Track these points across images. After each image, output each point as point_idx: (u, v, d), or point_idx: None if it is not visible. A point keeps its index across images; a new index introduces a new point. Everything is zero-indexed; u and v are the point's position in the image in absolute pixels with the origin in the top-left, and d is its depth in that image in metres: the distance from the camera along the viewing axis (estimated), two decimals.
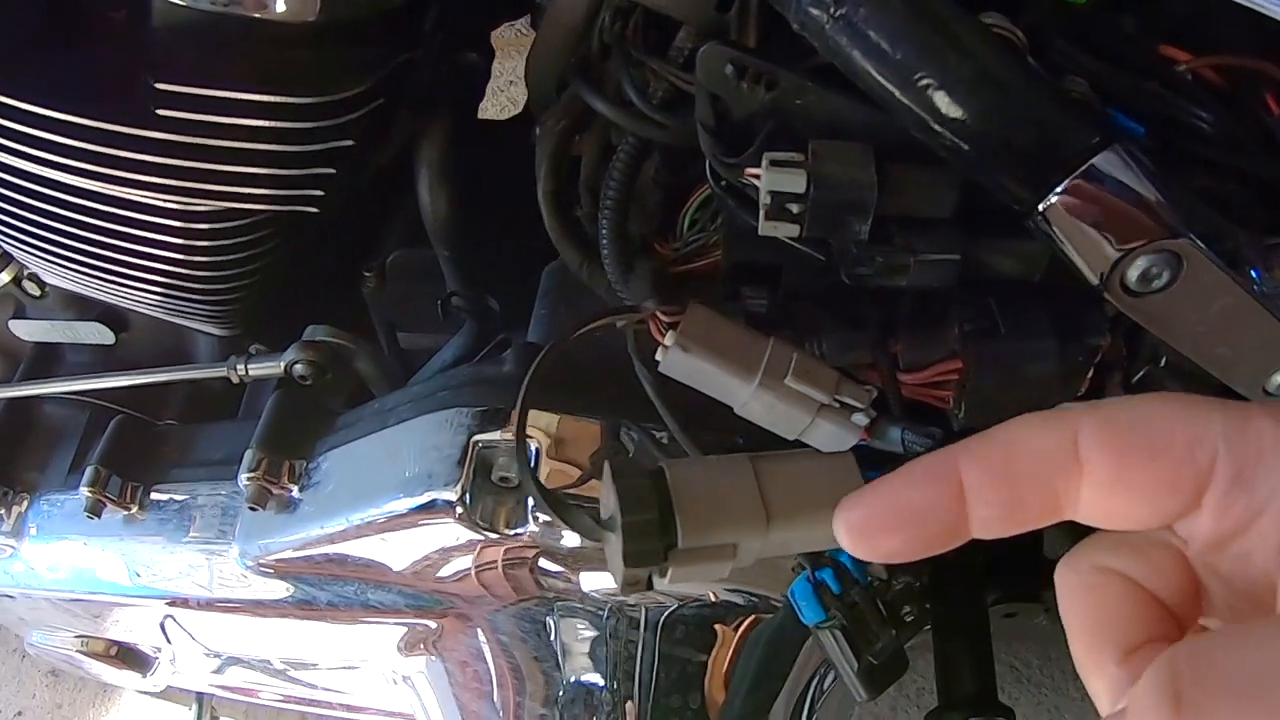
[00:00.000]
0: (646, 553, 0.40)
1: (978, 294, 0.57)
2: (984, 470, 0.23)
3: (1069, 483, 0.22)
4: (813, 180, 0.49)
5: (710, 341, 0.51)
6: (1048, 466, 0.22)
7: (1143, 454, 0.22)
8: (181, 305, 0.71)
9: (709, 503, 0.41)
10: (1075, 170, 0.46)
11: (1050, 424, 0.23)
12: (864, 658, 0.56)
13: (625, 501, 0.40)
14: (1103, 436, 0.22)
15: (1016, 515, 0.23)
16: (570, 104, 0.58)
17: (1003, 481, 0.23)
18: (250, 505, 0.64)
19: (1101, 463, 0.22)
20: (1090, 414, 0.22)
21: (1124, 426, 0.22)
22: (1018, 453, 0.23)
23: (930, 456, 0.24)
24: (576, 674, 0.63)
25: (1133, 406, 0.22)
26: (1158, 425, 0.22)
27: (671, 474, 0.42)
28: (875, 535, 0.25)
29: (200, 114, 0.59)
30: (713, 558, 0.41)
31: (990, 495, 0.23)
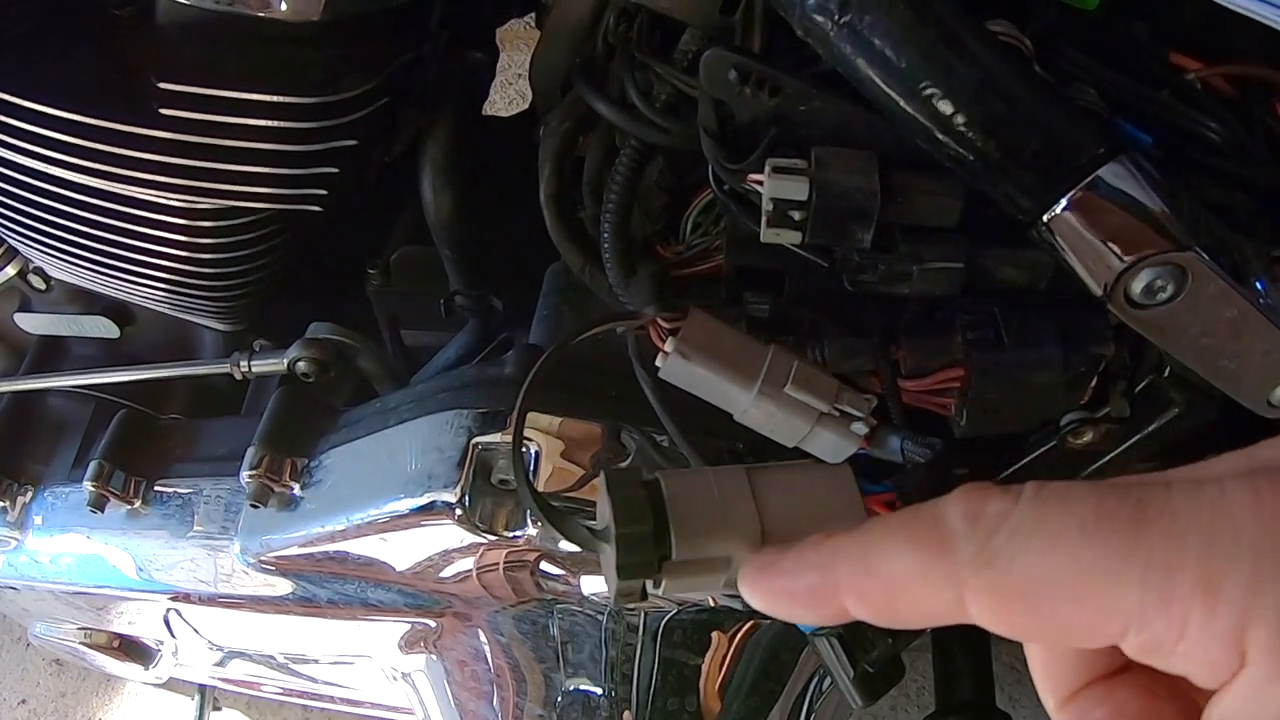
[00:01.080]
0: (640, 565, 0.40)
1: (981, 302, 0.57)
2: (867, 607, 0.24)
3: (957, 617, 0.22)
4: (815, 187, 0.48)
5: (710, 349, 0.51)
6: (933, 616, 0.23)
7: (1040, 633, 0.22)
8: (186, 301, 0.71)
9: (704, 515, 0.41)
10: (1081, 181, 0.45)
11: (934, 578, 0.22)
12: (860, 665, 0.56)
13: (620, 513, 0.40)
14: (994, 611, 0.21)
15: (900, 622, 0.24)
16: (574, 105, 0.58)
17: (884, 604, 0.24)
18: (252, 502, 0.64)
19: (1000, 632, 0.22)
20: (977, 578, 0.21)
21: (1014, 599, 0.21)
22: (899, 600, 0.23)
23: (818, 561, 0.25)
24: (575, 676, 0.63)
25: (1025, 566, 0.21)
26: (1059, 597, 0.21)
27: (667, 485, 0.42)
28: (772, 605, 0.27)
29: (204, 113, 0.59)
30: (707, 570, 0.41)
31: (871, 608, 0.24)
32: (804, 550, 0.26)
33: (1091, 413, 0.60)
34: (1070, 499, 0.21)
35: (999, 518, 0.22)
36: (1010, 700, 1.10)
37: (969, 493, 0.23)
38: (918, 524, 0.23)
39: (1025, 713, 1.10)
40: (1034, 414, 0.60)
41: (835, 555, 0.25)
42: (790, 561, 0.26)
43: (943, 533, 0.22)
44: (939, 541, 0.22)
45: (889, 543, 0.24)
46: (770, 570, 0.27)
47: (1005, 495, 0.22)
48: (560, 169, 0.57)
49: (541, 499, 0.47)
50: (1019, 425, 0.60)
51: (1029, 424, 0.60)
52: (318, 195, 0.63)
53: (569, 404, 0.58)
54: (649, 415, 0.57)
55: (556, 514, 0.46)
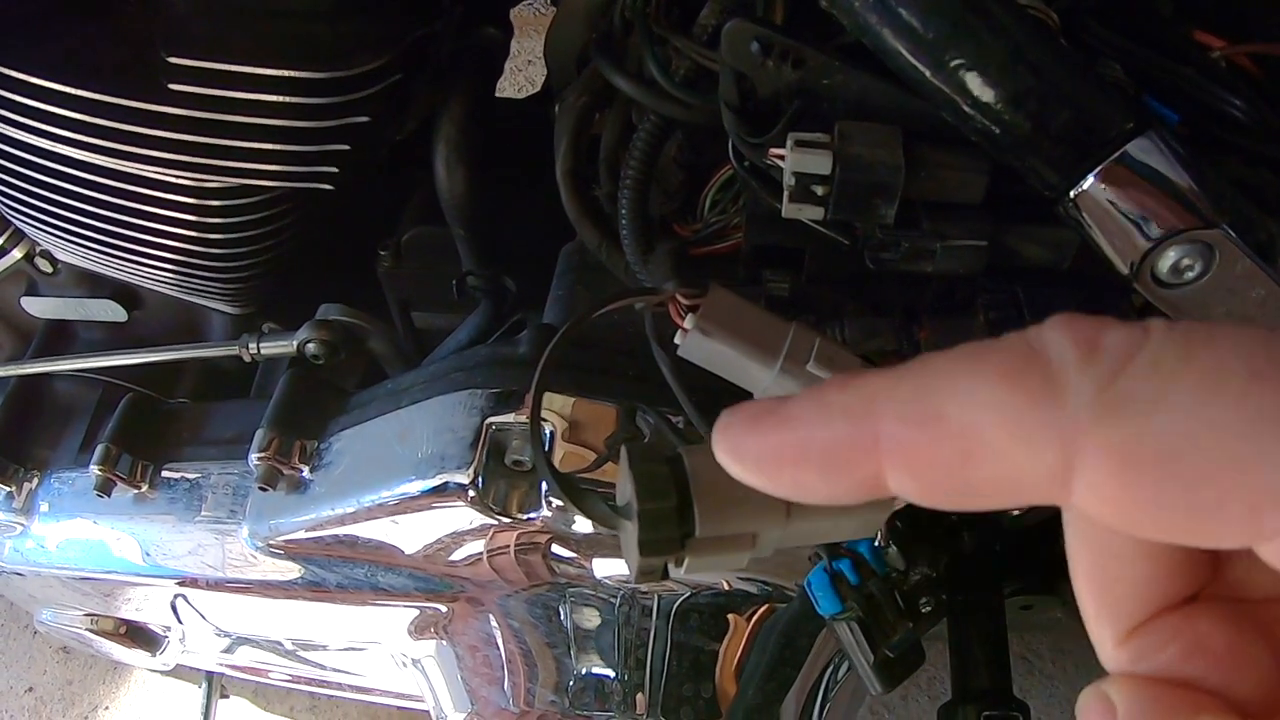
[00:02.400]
0: (663, 541, 0.39)
1: (1004, 281, 0.56)
2: (921, 473, 0.17)
3: (1049, 498, 0.16)
4: (839, 162, 0.48)
5: (731, 325, 0.50)
6: (1019, 490, 0.16)
7: (1172, 520, 0.15)
8: (194, 282, 0.70)
9: (728, 491, 0.40)
10: (1109, 156, 0.45)
11: (1032, 430, 0.15)
12: (880, 650, 0.55)
13: (642, 489, 0.39)
14: (1118, 483, 0.15)
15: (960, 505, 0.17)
16: (590, 81, 0.57)
17: (949, 488, 0.17)
18: (260, 485, 0.63)
19: (1115, 518, 0.16)
20: (1099, 432, 0.15)
21: (1150, 465, 0.15)
22: (974, 462, 0.16)
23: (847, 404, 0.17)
24: (588, 661, 0.62)
25: (1170, 417, 0.15)
26: (1209, 462, 0.15)
27: (690, 461, 0.41)
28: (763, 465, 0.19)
29: (214, 88, 0.58)
30: (731, 547, 0.40)
31: (928, 491, 0.17)
32: (824, 390, 0.18)
33: None
34: (1223, 336, 0.15)
35: (1127, 349, 0.15)
36: (1022, 691, 1.09)
37: (1073, 319, 0.16)
38: (1004, 353, 0.16)
39: (1037, 704, 1.09)
40: None
41: (876, 395, 0.17)
42: (802, 406, 0.18)
43: (1046, 366, 0.16)
44: (1041, 378, 0.16)
45: (963, 378, 0.16)
46: (769, 418, 0.19)
47: (1128, 326, 0.16)
48: (577, 145, 0.57)
49: (561, 476, 0.46)
50: None
51: None
52: (329, 173, 0.62)
53: (584, 384, 0.57)
54: (665, 396, 0.56)
55: (576, 491, 0.45)
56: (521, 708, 0.63)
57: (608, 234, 0.57)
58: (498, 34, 0.65)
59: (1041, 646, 1.12)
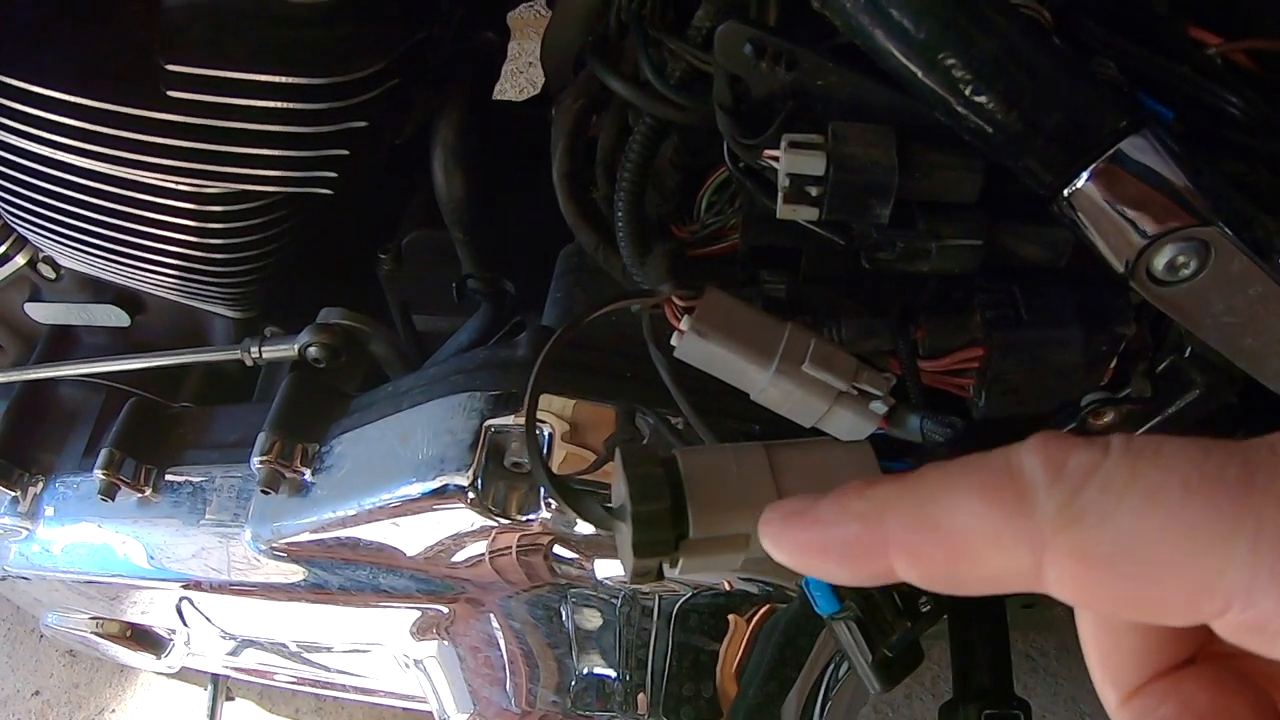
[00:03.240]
0: (657, 543, 0.39)
1: (1001, 280, 0.56)
2: (920, 568, 0.20)
3: (1034, 586, 0.19)
4: (832, 162, 0.48)
5: (727, 327, 0.50)
6: (1000, 581, 0.20)
7: (1127, 605, 0.19)
8: (196, 287, 0.71)
9: (722, 492, 0.40)
10: (1103, 154, 0.45)
11: (1007, 538, 0.19)
12: (879, 650, 0.55)
13: (636, 490, 0.39)
14: (1077, 578, 0.19)
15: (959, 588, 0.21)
16: (587, 83, 0.57)
17: (943, 580, 0.20)
18: (263, 489, 0.63)
19: (1078, 604, 0.19)
20: (1061, 538, 0.18)
21: (1103, 565, 0.18)
22: (962, 561, 0.20)
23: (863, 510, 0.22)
24: (589, 662, 0.63)
25: (1118, 526, 0.18)
26: (1155, 564, 0.18)
27: (684, 462, 0.41)
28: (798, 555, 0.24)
29: (212, 94, 0.58)
30: (725, 548, 0.40)
31: (926, 572, 0.21)
32: (845, 497, 0.22)
33: (1112, 393, 0.59)
34: (1167, 454, 0.18)
35: (1086, 470, 0.19)
36: (1026, 689, 1.09)
37: (1047, 441, 0.20)
38: (987, 472, 0.20)
39: (1040, 701, 1.09)
40: (1054, 394, 0.59)
41: (885, 504, 0.21)
42: (827, 509, 0.23)
43: (1019, 485, 0.19)
44: (1015, 494, 0.19)
45: (952, 493, 0.20)
46: (801, 518, 0.23)
47: (1090, 446, 0.19)
48: (573, 148, 0.57)
49: (556, 478, 0.46)
50: (1039, 406, 0.59)
51: (1049, 405, 0.60)
52: (328, 178, 0.62)
53: (582, 386, 0.57)
54: (664, 397, 0.56)
55: (571, 493, 0.46)
56: (523, 708, 0.63)
57: (605, 236, 0.57)
58: (495, 38, 0.66)
59: (1046, 644, 1.12)
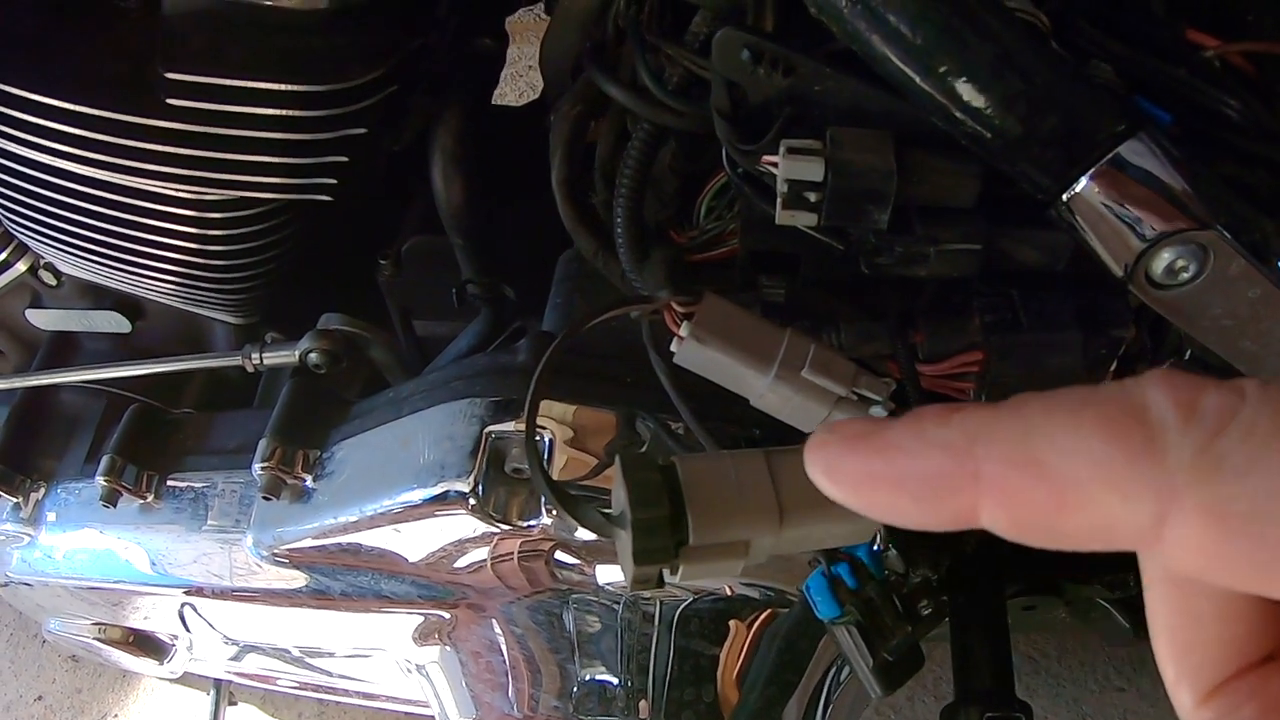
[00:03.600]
0: (657, 550, 0.39)
1: (1000, 284, 0.56)
2: (1016, 512, 0.18)
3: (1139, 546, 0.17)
4: (831, 168, 0.48)
5: (726, 333, 0.50)
6: (1110, 536, 0.17)
7: (1259, 575, 0.16)
8: (197, 293, 0.71)
9: (721, 499, 0.40)
10: (1101, 158, 0.45)
11: (1130, 485, 0.16)
12: (879, 654, 0.55)
13: (635, 497, 0.39)
14: (1209, 540, 0.16)
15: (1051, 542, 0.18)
16: (585, 90, 0.57)
17: (1041, 530, 0.18)
18: (264, 495, 0.64)
19: (1202, 571, 0.17)
20: (1194, 492, 0.16)
21: (1240, 526, 0.16)
22: (1069, 508, 0.17)
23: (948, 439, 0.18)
24: (590, 667, 0.63)
25: (1263, 482, 0.16)
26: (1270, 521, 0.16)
27: (683, 469, 0.41)
28: (860, 488, 0.20)
29: (211, 102, 0.58)
30: (725, 555, 0.40)
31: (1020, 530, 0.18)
32: (920, 421, 0.19)
33: None
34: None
35: (1223, 414, 0.16)
36: (1028, 691, 1.09)
37: (1173, 378, 0.17)
38: (1104, 405, 0.17)
39: (1041, 703, 1.09)
40: None
41: (978, 433, 0.18)
42: (902, 434, 0.19)
43: (1146, 422, 0.16)
44: (1141, 434, 0.16)
45: (1064, 426, 0.17)
46: (867, 442, 0.19)
47: (1224, 388, 0.17)
48: (571, 154, 0.57)
49: (555, 485, 0.47)
50: None
51: None
52: (327, 184, 0.62)
53: (583, 391, 0.57)
54: (664, 402, 0.56)
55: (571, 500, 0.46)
56: (525, 713, 0.64)
57: (604, 241, 0.57)
58: (493, 44, 0.66)
59: (1048, 646, 1.12)
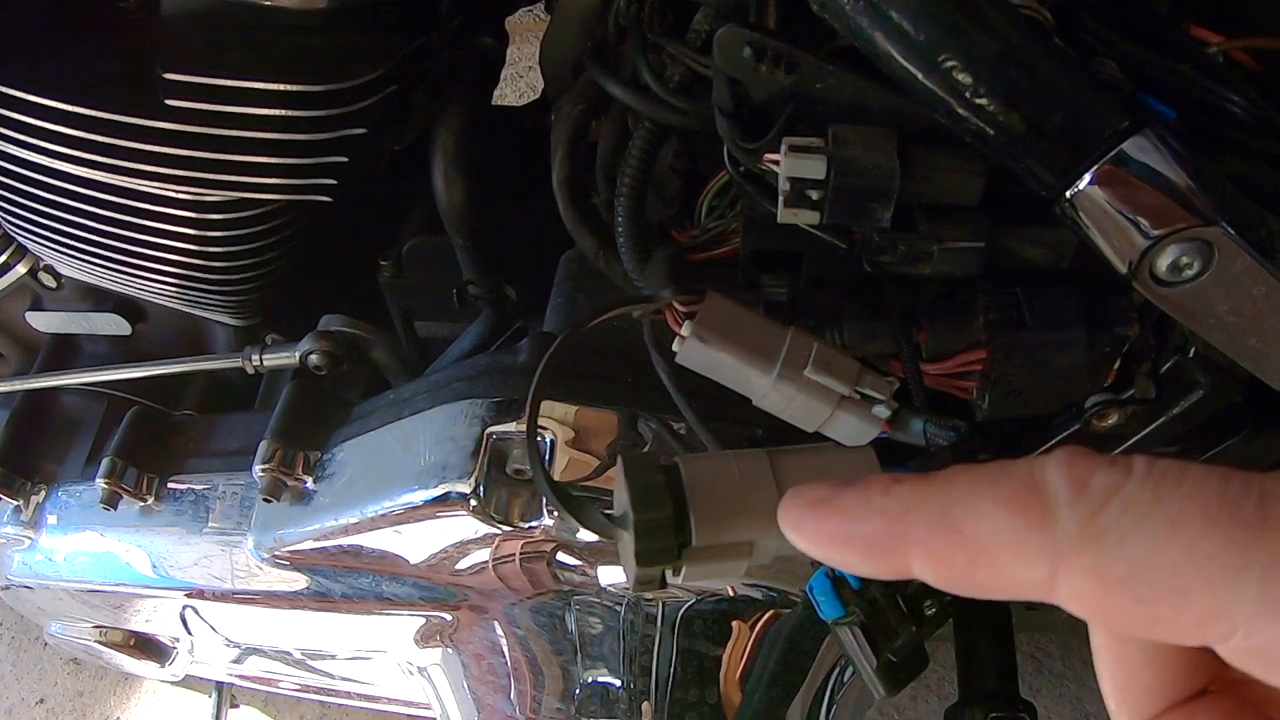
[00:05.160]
0: (660, 551, 0.39)
1: (1004, 282, 0.56)
2: (938, 569, 0.21)
3: (1047, 598, 0.20)
4: (833, 166, 0.47)
5: (729, 332, 0.50)
6: (1014, 589, 0.20)
7: (1136, 623, 0.20)
8: (197, 295, 0.71)
9: (724, 500, 0.40)
10: (1105, 155, 0.44)
11: (1026, 549, 0.20)
12: (883, 655, 0.55)
13: (638, 499, 0.39)
14: (1091, 595, 0.20)
15: (978, 592, 0.21)
16: (586, 89, 0.57)
17: (959, 582, 0.21)
18: (265, 497, 0.63)
19: (1090, 618, 0.21)
20: (1079, 555, 0.19)
21: (1117, 585, 0.19)
22: (979, 567, 0.21)
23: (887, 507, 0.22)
24: (593, 669, 0.62)
25: (1136, 549, 0.19)
26: (1167, 586, 0.19)
27: (686, 470, 0.41)
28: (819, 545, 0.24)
29: (209, 103, 0.58)
30: (728, 556, 0.40)
31: (946, 574, 0.21)
32: (869, 490, 0.23)
33: (1116, 394, 0.59)
34: (1189, 481, 0.19)
35: (1108, 490, 0.20)
36: (1031, 690, 1.09)
37: (1073, 457, 0.20)
38: (1011, 482, 0.20)
39: (1046, 702, 1.09)
40: (1058, 396, 0.59)
41: (909, 503, 0.22)
42: (851, 501, 0.23)
43: (1043, 498, 0.20)
44: (1038, 508, 0.20)
45: (978, 500, 0.21)
46: (824, 507, 0.24)
47: (1114, 466, 0.20)
48: (573, 153, 0.57)
49: (557, 486, 0.46)
50: (1043, 408, 0.59)
51: (1053, 406, 0.59)
52: (327, 185, 0.62)
53: (584, 392, 0.57)
54: (666, 403, 0.56)
55: (573, 501, 0.45)
56: (528, 716, 0.63)
57: (605, 241, 0.57)
58: (493, 43, 0.65)
59: (1051, 645, 1.11)
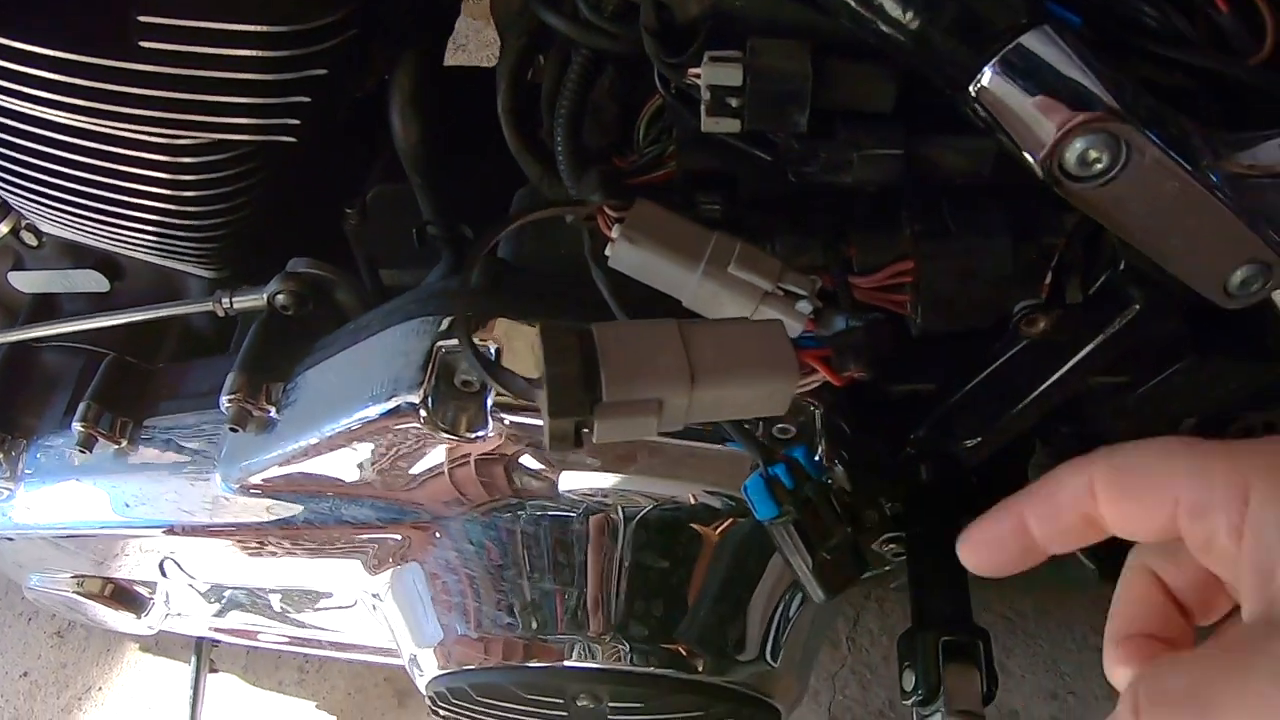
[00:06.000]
0: (570, 404, 0.41)
1: (931, 195, 0.58)
2: (1037, 511, 0.31)
3: (1093, 511, 0.30)
4: (749, 73, 0.50)
5: (656, 234, 0.53)
6: (1076, 501, 0.30)
7: (1128, 494, 0.29)
8: (171, 244, 0.74)
9: (634, 359, 0.43)
10: (1003, 49, 0.47)
11: (1077, 471, 0.30)
12: (818, 554, 0.56)
13: (550, 355, 0.42)
14: (1106, 481, 0.30)
15: (1070, 536, 0.31)
16: (529, 21, 0.60)
17: (1051, 517, 0.31)
18: (231, 426, 0.66)
19: (1105, 498, 0.30)
20: (1103, 462, 0.30)
21: (1118, 472, 0.30)
22: (1056, 493, 0.31)
23: (1007, 502, 0.32)
24: (543, 582, 0.64)
25: (1129, 456, 0.30)
26: (1140, 471, 0.29)
27: (599, 332, 0.44)
28: (982, 555, 0.33)
29: (181, 44, 0.61)
30: (638, 412, 0.43)
31: (1046, 527, 0.31)
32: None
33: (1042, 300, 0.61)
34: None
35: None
36: (1003, 650, 1.09)
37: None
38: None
39: (1019, 661, 1.09)
40: (989, 307, 0.61)
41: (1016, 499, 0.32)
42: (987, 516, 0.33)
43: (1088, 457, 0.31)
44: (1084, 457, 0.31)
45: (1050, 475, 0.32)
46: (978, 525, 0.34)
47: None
48: (516, 83, 0.60)
49: (481, 354, 0.48)
50: (975, 320, 0.61)
51: (985, 319, 0.61)
52: (292, 125, 0.65)
53: (533, 309, 0.59)
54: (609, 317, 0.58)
55: (493, 365, 0.48)
56: (480, 632, 0.65)
57: (549, 167, 0.60)
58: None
59: (1025, 606, 1.12)
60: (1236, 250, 0.51)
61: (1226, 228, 0.50)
